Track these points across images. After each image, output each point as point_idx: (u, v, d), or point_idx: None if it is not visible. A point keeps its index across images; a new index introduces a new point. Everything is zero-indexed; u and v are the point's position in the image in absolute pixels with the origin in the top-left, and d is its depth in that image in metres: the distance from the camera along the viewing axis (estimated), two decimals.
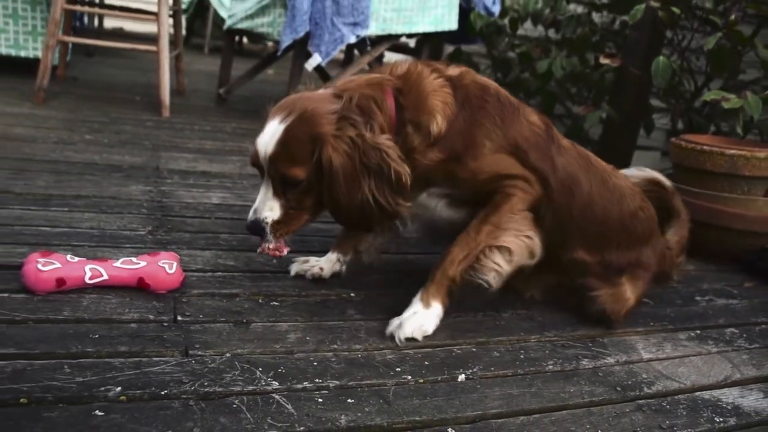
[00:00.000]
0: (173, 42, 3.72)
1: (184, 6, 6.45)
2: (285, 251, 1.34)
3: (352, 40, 2.82)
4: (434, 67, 1.38)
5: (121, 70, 4.43)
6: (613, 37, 4.40)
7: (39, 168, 2.01)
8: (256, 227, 1.29)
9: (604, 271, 1.50)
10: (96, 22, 5.65)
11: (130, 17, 3.29)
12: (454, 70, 1.40)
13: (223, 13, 5.97)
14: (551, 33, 3.81)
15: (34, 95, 2.94)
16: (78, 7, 3.17)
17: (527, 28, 3.99)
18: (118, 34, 6.46)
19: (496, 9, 3.48)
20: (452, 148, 1.32)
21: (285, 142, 1.23)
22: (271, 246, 1.32)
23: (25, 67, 3.59)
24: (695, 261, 2.09)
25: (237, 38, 7.19)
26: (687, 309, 1.69)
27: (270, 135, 1.24)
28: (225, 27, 3.46)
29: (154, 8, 3.14)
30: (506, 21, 3.72)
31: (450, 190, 1.37)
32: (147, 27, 7.14)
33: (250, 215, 1.30)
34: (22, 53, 3.41)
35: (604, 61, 2.86)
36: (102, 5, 4.49)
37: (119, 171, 2.10)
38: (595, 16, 4.29)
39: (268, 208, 1.28)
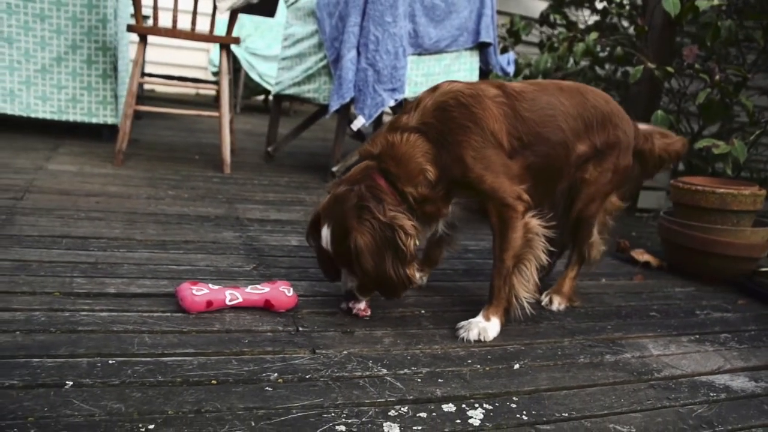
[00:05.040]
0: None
1: (215, 69, 7.01)
2: (368, 312, 1.77)
3: (391, 103, 3.27)
4: (401, 125, 1.72)
5: (170, 131, 4.90)
6: (616, 87, 4.87)
7: (144, 219, 2.42)
8: (349, 294, 1.74)
9: (590, 157, 1.91)
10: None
11: (193, 87, 3.75)
12: (417, 113, 1.71)
13: (254, 76, 6.51)
14: None
15: (113, 157, 3.39)
16: (149, 80, 3.64)
17: None
18: (152, 97, 6.98)
19: (511, 69, 3.94)
20: (452, 175, 1.69)
21: (333, 241, 1.67)
22: (361, 306, 1.76)
23: (93, 132, 4.07)
24: (695, 283, 2.48)
25: (263, 97, 7.76)
26: (688, 320, 2.07)
27: (325, 240, 1.69)
28: (273, 93, 3.92)
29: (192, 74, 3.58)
30: (520, 79, 4.18)
31: (461, 199, 1.75)
32: (178, 90, 7.70)
33: (342, 288, 1.75)
34: (94, 120, 3.87)
35: None
36: (165, 76, 4.98)
37: (209, 221, 2.51)
38: (599, 69, 4.76)
39: (350, 281, 1.72)
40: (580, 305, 2.06)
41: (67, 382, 1.25)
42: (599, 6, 5.01)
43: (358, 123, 3.21)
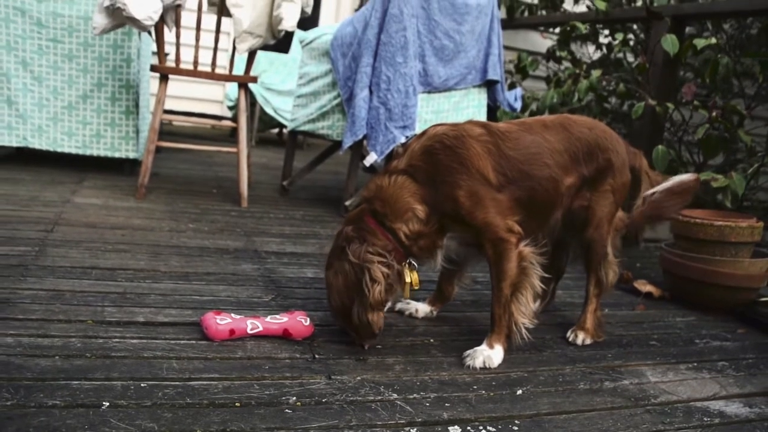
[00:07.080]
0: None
1: (231, 104, 7.21)
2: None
3: (403, 140, 3.40)
4: (390, 169, 1.85)
5: (188, 164, 5.06)
6: (622, 120, 4.98)
7: (168, 252, 2.55)
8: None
9: (582, 185, 2.00)
10: None
11: (211, 124, 3.91)
12: (406, 157, 1.82)
13: (269, 110, 6.68)
14: None
15: (135, 191, 3.54)
16: (171, 116, 3.80)
17: None
18: (169, 131, 7.16)
19: (518, 105, 4.07)
20: (444, 211, 1.81)
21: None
22: None
23: (115, 165, 4.23)
24: (696, 313, 2.56)
25: (278, 130, 7.94)
26: (687, 348, 2.16)
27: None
28: (288, 129, 4.08)
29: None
30: (527, 114, 4.31)
31: (457, 234, 1.86)
32: (194, 123, 7.88)
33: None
34: (117, 154, 4.04)
35: None
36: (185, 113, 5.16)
37: (228, 253, 2.64)
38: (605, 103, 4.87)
39: None
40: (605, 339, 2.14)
41: (104, 403, 1.36)
42: (604, 41, 5.17)
43: (371, 159, 3.34)
